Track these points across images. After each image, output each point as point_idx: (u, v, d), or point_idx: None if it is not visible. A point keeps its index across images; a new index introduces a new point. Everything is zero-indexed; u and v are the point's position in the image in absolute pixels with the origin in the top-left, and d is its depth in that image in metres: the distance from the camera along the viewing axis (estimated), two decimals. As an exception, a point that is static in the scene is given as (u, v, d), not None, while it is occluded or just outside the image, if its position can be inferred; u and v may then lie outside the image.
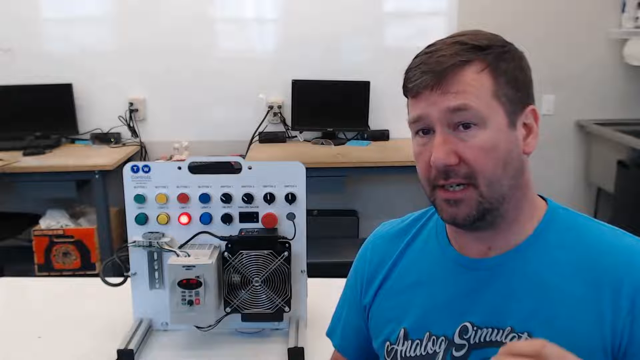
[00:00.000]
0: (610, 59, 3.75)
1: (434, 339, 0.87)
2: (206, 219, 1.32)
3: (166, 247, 1.29)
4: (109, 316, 1.42)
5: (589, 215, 0.87)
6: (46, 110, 3.53)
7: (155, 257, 1.32)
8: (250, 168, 1.32)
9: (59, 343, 1.34)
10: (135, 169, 1.32)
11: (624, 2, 3.63)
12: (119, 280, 1.33)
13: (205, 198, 1.32)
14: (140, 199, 1.32)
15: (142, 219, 1.32)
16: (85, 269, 3.29)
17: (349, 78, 3.57)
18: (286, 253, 1.27)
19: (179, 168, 1.32)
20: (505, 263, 0.84)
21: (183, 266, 1.22)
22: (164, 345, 1.33)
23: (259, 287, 1.28)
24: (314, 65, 3.61)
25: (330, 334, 1.10)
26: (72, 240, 3.28)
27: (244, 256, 1.26)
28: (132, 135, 3.65)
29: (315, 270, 1.42)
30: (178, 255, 1.26)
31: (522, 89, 0.82)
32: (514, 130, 0.81)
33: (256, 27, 3.73)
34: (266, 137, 3.62)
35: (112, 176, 3.16)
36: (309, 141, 3.64)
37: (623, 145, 3.37)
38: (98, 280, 1.33)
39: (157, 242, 1.29)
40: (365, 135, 3.66)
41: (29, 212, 3.47)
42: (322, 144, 3.57)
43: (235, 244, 1.27)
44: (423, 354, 0.88)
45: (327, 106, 3.61)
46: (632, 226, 1.09)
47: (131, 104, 3.63)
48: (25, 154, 3.27)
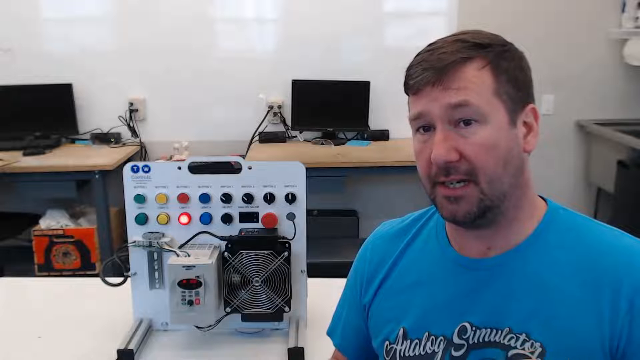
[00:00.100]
0: (610, 59, 3.75)
1: (432, 339, 0.87)
2: (206, 219, 1.32)
3: (166, 247, 1.29)
4: (109, 316, 1.42)
5: (589, 215, 0.87)
6: (46, 110, 3.53)
7: (155, 257, 1.32)
8: (250, 168, 1.32)
9: (59, 343, 1.34)
10: (135, 169, 1.32)
11: (624, 2, 3.63)
12: (119, 280, 1.33)
13: (205, 198, 1.32)
14: (140, 199, 1.32)
15: (142, 219, 1.32)
16: (85, 269, 3.29)
17: (349, 78, 3.57)
18: (286, 253, 1.27)
19: (179, 168, 1.32)
20: (504, 263, 0.84)
21: (183, 266, 1.22)
22: (164, 345, 1.33)
23: (259, 287, 1.28)
24: (314, 65, 3.61)
25: (330, 333, 1.10)
26: (72, 240, 3.28)
27: (244, 256, 1.26)
28: (132, 135, 3.65)
29: (315, 270, 1.42)
30: (178, 255, 1.26)
31: (522, 88, 0.82)
32: (515, 128, 0.81)
33: (256, 27, 3.73)
34: (266, 137, 3.62)
35: (112, 176, 3.16)
36: (309, 141, 3.64)
37: (623, 145, 3.37)
38: (98, 280, 1.33)
39: (157, 242, 1.29)
40: (365, 135, 3.66)
41: (29, 212, 3.47)
42: (322, 144, 3.57)
43: (235, 244, 1.27)
44: (422, 353, 0.88)
45: (327, 106, 3.61)
46: (632, 226, 1.09)
47: (131, 104, 3.63)
48: (25, 154, 3.27)
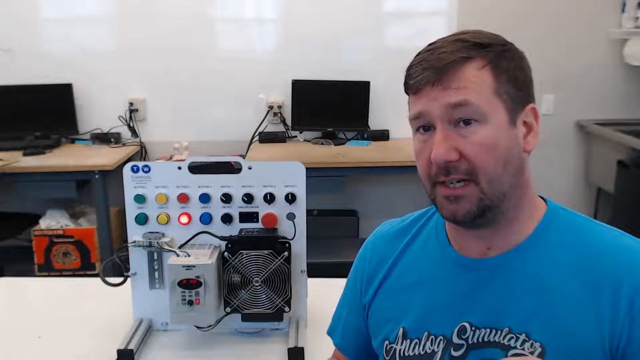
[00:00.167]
0: (610, 59, 3.75)
1: (432, 339, 0.87)
2: (206, 219, 1.32)
3: (166, 247, 1.29)
4: (109, 316, 1.42)
5: (589, 215, 0.87)
6: (46, 110, 3.53)
7: (155, 257, 1.32)
8: (250, 168, 1.32)
9: (59, 343, 1.34)
10: (135, 169, 1.32)
11: (624, 2, 3.63)
12: (119, 280, 1.33)
13: (205, 198, 1.32)
14: (140, 199, 1.32)
15: (142, 219, 1.32)
16: (85, 269, 3.29)
17: (349, 78, 3.57)
18: (286, 253, 1.27)
19: (179, 168, 1.32)
20: (504, 263, 0.84)
21: (183, 266, 1.22)
22: (164, 345, 1.33)
23: (259, 287, 1.28)
24: (314, 65, 3.61)
25: (330, 332, 1.10)
26: (72, 240, 3.28)
27: (244, 256, 1.26)
28: (132, 135, 3.65)
29: (315, 270, 1.42)
30: (178, 255, 1.26)
31: (522, 88, 0.82)
32: (515, 128, 0.81)
33: (256, 27, 3.73)
34: (266, 137, 3.62)
35: (112, 176, 3.16)
36: (309, 141, 3.64)
37: (623, 145, 3.37)
38: (98, 280, 1.33)
39: (157, 242, 1.29)
40: (365, 135, 3.66)
41: (29, 212, 3.47)
42: (322, 144, 3.57)
43: (235, 244, 1.27)
44: (422, 353, 0.88)
45: (327, 106, 3.61)
46: (632, 226, 1.09)
47: (131, 104, 3.63)
48: (25, 154, 3.27)
